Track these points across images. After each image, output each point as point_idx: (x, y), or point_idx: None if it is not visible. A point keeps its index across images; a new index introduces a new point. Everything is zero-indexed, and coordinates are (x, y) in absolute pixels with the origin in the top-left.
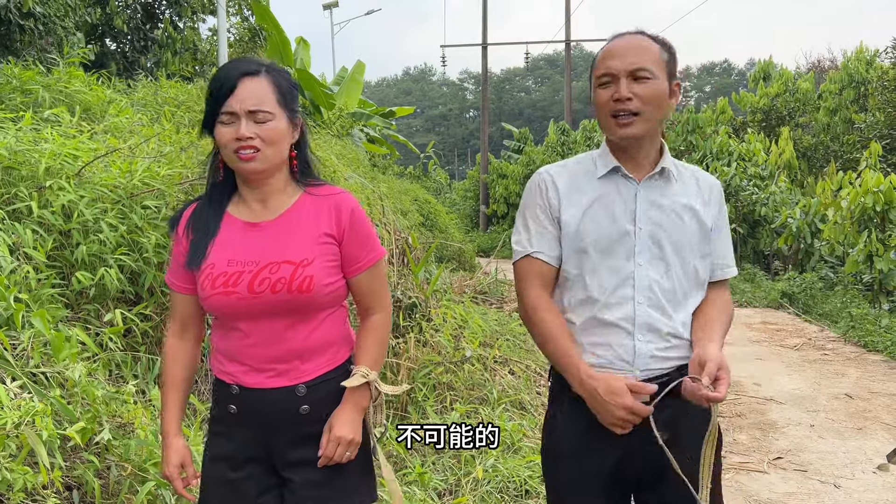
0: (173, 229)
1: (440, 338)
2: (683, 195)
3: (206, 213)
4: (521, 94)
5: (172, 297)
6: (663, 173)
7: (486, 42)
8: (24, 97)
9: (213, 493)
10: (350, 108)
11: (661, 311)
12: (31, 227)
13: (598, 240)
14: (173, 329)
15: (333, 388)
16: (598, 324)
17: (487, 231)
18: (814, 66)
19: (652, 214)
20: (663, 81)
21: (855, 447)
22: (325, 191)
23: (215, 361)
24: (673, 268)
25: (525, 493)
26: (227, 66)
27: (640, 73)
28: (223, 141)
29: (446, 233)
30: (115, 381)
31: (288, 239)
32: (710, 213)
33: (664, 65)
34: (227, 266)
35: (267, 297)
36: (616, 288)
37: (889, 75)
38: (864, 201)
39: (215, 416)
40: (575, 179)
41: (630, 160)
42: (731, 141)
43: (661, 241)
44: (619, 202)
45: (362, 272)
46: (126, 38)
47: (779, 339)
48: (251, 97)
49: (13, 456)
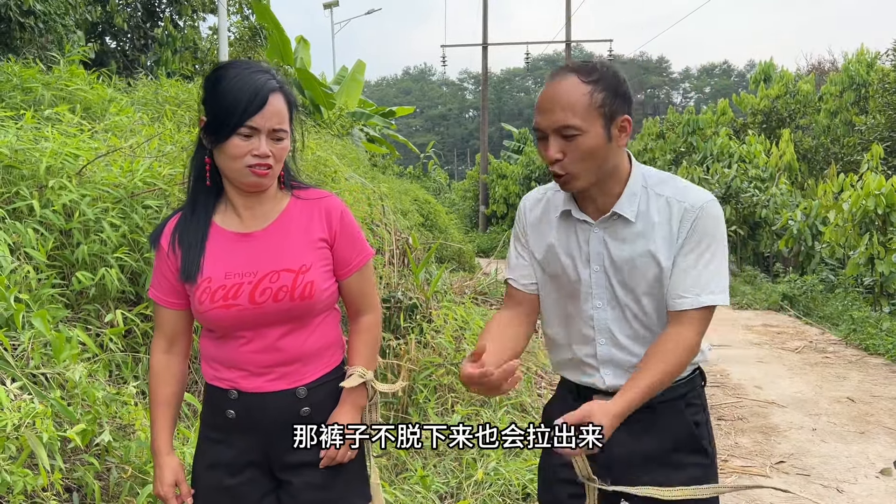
0: (156, 244)
1: (441, 339)
2: (643, 235)
3: (193, 225)
4: (521, 95)
5: (158, 313)
6: (620, 216)
7: (486, 42)
8: (25, 95)
9: (211, 499)
10: (350, 107)
11: (622, 350)
12: (32, 227)
13: (559, 279)
14: (159, 345)
15: (332, 389)
16: (567, 357)
17: (487, 231)
18: (814, 67)
19: (606, 257)
20: (595, 130)
21: (857, 451)
22: (313, 194)
23: (209, 369)
24: (629, 309)
25: (526, 497)
26: (253, 78)
27: (565, 132)
28: (236, 153)
29: (446, 233)
30: (116, 383)
31: (283, 246)
32: (678, 244)
33: (597, 110)
34: (225, 279)
35: (269, 306)
36: (580, 327)
37: (890, 77)
38: (866, 204)
39: (209, 422)
40: (547, 212)
41: (586, 200)
42: (732, 143)
43: (614, 284)
44: (574, 244)
45: (353, 274)
46: (126, 36)
47: (780, 341)
48: (275, 115)
49: (13, 458)
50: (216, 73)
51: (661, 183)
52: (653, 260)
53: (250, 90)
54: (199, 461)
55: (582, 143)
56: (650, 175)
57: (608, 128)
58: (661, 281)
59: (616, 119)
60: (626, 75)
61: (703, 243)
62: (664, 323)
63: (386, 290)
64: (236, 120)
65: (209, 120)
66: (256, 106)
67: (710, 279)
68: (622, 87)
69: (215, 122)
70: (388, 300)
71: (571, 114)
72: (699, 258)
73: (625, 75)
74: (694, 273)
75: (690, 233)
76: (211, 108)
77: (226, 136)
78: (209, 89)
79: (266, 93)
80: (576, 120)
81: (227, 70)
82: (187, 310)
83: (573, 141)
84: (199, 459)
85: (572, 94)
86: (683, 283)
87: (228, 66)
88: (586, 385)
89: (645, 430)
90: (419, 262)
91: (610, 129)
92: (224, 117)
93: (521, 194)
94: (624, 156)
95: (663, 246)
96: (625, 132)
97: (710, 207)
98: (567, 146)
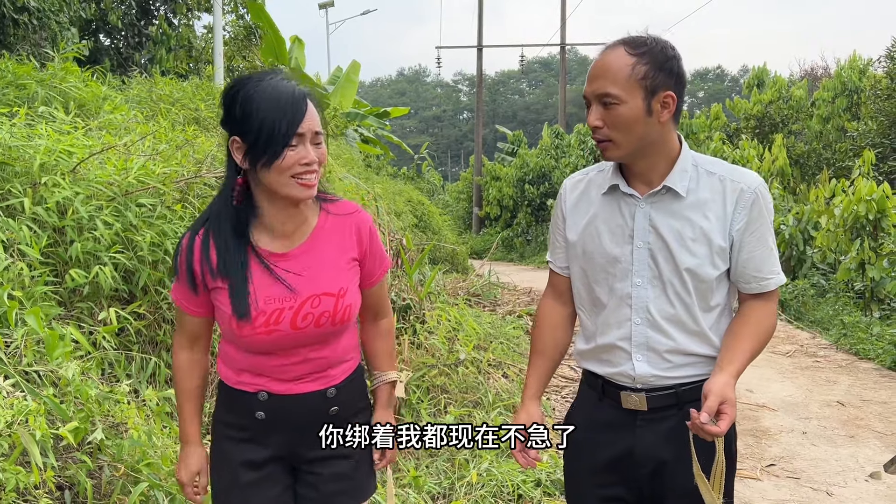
0: (186, 258)
1: (434, 340)
2: (694, 211)
3: (236, 249)
4: (516, 97)
5: (181, 315)
6: (669, 190)
7: (481, 44)
8: (19, 92)
9: (235, 497)
10: (345, 107)
11: (659, 332)
12: (26, 224)
13: (594, 258)
14: (182, 343)
15: (356, 387)
16: (598, 341)
17: (480, 233)
18: (807, 73)
19: (652, 233)
20: (635, 102)
21: (847, 455)
22: (343, 208)
23: (232, 374)
24: (672, 287)
25: (518, 498)
26: (282, 86)
27: (605, 100)
28: (287, 165)
29: (440, 234)
30: (109, 381)
31: (320, 268)
32: (734, 225)
33: (638, 82)
34: (265, 304)
35: (310, 330)
36: (615, 308)
37: (882, 84)
38: (857, 209)
39: (232, 422)
40: (587, 192)
41: (634, 176)
42: (726, 147)
43: (659, 260)
44: (618, 219)
45: (376, 285)
46: (120, 34)
47: (771, 345)
48: (313, 119)
49: (5, 455)
50: (238, 92)
51: (712, 163)
52: (704, 237)
53: (288, 98)
54: (218, 459)
55: (620, 113)
56: (698, 156)
57: (648, 101)
58: (709, 259)
59: (658, 93)
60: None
61: (765, 225)
62: (702, 308)
63: None
64: (286, 132)
65: (253, 142)
66: (301, 113)
67: (777, 257)
68: (669, 63)
69: (265, 142)
70: None
71: (611, 83)
72: (768, 239)
73: (679, 54)
74: (770, 254)
75: (755, 215)
76: (252, 129)
77: (280, 152)
78: (240, 112)
79: (302, 97)
80: (615, 89)
81: (250, 86)
82: (211, 316)
83: (612, 110)
84: (217, 458)
85: (615, 64)
86: (765, 264)
87: (247, 83)
88: (613, 379)
89: (675, 432)
90: (413, 263)
91: (650, 103)
92: (273, 133)
93: (515, 196)
94: (672, 134)
95: (717, 224)
96: (667, 108)
97: (763, 190)
98: (606, 115)
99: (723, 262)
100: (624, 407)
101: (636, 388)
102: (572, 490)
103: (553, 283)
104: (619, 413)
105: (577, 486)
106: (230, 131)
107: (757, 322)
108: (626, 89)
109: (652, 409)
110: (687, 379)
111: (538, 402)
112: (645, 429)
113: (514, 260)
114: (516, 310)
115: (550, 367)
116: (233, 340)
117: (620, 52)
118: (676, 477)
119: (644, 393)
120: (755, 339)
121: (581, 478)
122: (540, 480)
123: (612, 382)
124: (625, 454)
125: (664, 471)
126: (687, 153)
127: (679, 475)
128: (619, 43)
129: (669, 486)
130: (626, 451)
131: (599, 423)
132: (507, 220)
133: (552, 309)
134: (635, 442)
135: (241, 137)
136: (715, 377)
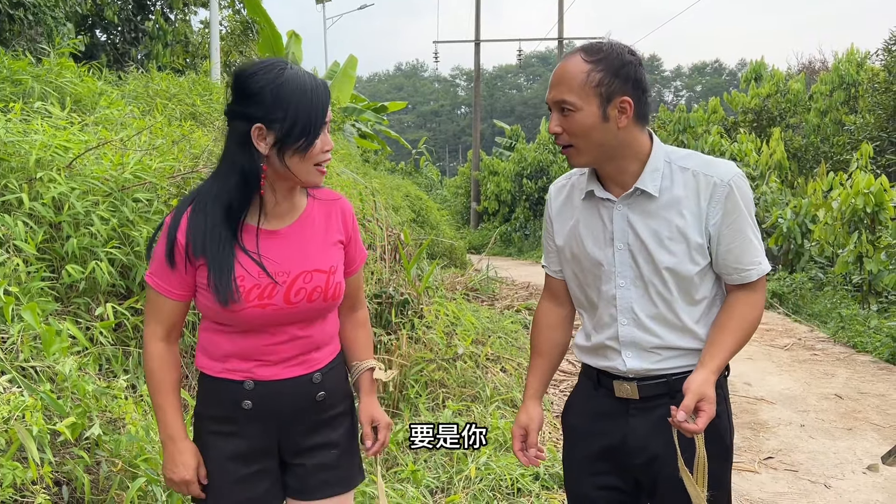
0: (169, 232)
1: (432, 335)
2: (669, 210)
3: (226, 225)
4: (513, 92)
5: (157, 302)
6: (643, 192)
7: (478, 39)
8: (14, 87)
9: (227, 493)
10: (342, 102)
11: (645, 331)
12: (22, 219)
13: (581, 262)
14: (157, 333)
15: (339, 374)
16: (594, 340)
17: (478, 228)
18: (805, 67)
19: (631, 234)
20: (590, 109)
21: (845, 447)
22: (326, 195)
23: (215, 363)
24: (653, 287)
25: (517, 492)
26: (304, 74)
27: (563, 106)
28: (316, 152)
29: (438, 229)
30: (106, 376)
31: (309, 246)
32: (710, 220)
33: (593, 89)
34: (259, 278)
35: (303, 305)
36: (604, 309)
37: (879, 77)
38: (855, 203)
39: (215, 416)
40: (571, 196)
41: (607, 179)
42: (723, 141)
43: (639, 261)
44: (598, 223)
45: (355, 273)
46: (117, 29)
47: (769, 338)
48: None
49: (2, 451)
50: (263, 80)
51: (685, 157)
52: (681, 235)
53: (316, 88)
54: (205, 456)
55: (577, 120)
56: (672, 151)
57: (604, 107)
58: (687, 256)
59: (614, 100)
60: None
61: (742, 216)
62: (686, 303)
63: (378, 286)
64: (321, 119)
65: (287, 131)
66: (328, 102)
67: (759, 247)
68: (626, 68)
69: (301, 130)
70: (380, 296)
71: (567, 90)
72: (746, 230)
73: (638, 58)
74: (749, 245)
75: (730, 208)
76: (287, 117)
77: (313, 141)
78: (272, 100)
79: (325, 86)
80: (571, 97)
81: (274, 74)
82: (189, 300)
83: (570, 117)
84: (203, 454)
85: (572, 71)
86: (745, 256)
87: (268, 71)
88: (605, 369)
89: (666, 421)
90: (411, 257)
91: (606, 110)
92: (308, 122)
93: (513, 191)
94: (637, 135)
95: (693, 220)
96: (624, 113)
97: (739, 181)
98: (565, 121)
99: (702, 257)
100: (617, 396)
101: (628, 378)
102: (569, 477)
103: (549, 286)
104: (612, 402)
105: (574, 473)
106: (251, 118)
107: (741, 314)
108: (581, 96)
109: (643, 397)
110: (677, 369)
111: (538, 402)
112: (637, 418)
113: (512, 254)
114: (514, 304)
115: (550, 367)
116: (220, 321)
117: (577, 60)
118: (668, 467)
119: (636, 382)
120: (738, 331)
121: (577, 466)
122: (538, 474)
123: (606, 372)
124: (618, 443)
125: (656, 460)
126: (658, 151)
127: (670, 465)
128: (577, 50)
129: (662, 476)
130: (620, 440)
131: (595, 413)
132: (505, 214)
133: (549, 310)
134: (628, 431)
135: (267, 125)
136: (694, 374)
